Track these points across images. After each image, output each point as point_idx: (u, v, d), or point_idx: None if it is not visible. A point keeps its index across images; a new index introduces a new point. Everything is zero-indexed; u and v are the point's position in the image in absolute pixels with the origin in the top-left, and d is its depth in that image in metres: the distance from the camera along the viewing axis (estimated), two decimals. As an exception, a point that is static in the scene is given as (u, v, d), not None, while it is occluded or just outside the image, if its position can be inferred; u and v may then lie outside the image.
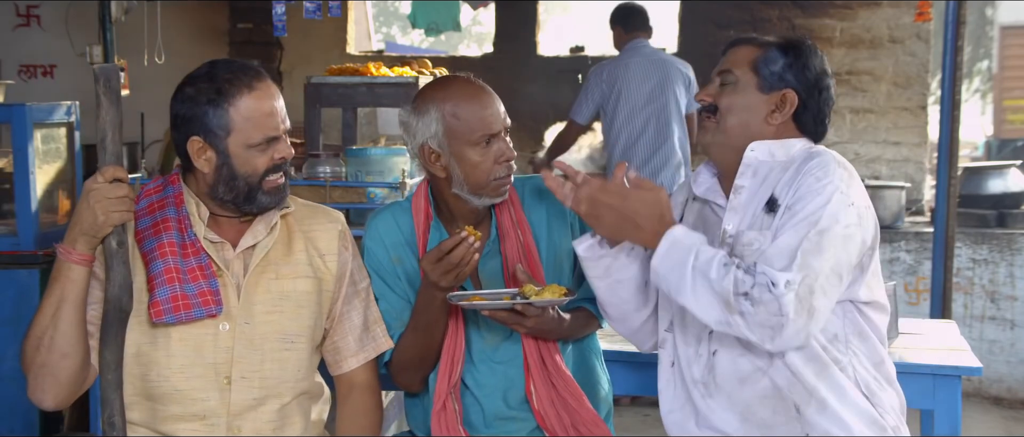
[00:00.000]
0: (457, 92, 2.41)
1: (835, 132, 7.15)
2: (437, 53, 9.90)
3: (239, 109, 2.19)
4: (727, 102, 2.26)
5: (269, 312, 2.28)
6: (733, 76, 2.27)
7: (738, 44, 2.32)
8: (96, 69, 2.05)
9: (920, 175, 7.05)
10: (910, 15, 6.80)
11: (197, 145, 2.21)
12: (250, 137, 2.20)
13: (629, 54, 5.71)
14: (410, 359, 2.46)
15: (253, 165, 2.22)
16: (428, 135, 2.40)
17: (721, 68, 2.30)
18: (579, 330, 2.54)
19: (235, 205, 2.25)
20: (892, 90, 7.10)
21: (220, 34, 7.94)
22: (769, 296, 1.99)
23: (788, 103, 2.25)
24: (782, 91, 2.25)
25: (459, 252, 2.26)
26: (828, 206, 2.07)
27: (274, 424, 2.28)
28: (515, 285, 2.42)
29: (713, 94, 2.28)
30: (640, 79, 5.58)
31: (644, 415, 5.28)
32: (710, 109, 2.28)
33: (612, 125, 5.66)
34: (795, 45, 2.29)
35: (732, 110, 2.26)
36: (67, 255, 2.08)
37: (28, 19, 7.54)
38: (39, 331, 2.13)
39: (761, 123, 2.25)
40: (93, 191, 2.03)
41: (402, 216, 2.52)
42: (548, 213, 2.54)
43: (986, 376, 5.54)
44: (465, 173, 2.39)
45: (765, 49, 2.27)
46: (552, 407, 2.46)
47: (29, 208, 4.43)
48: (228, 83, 2.20)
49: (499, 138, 2.41)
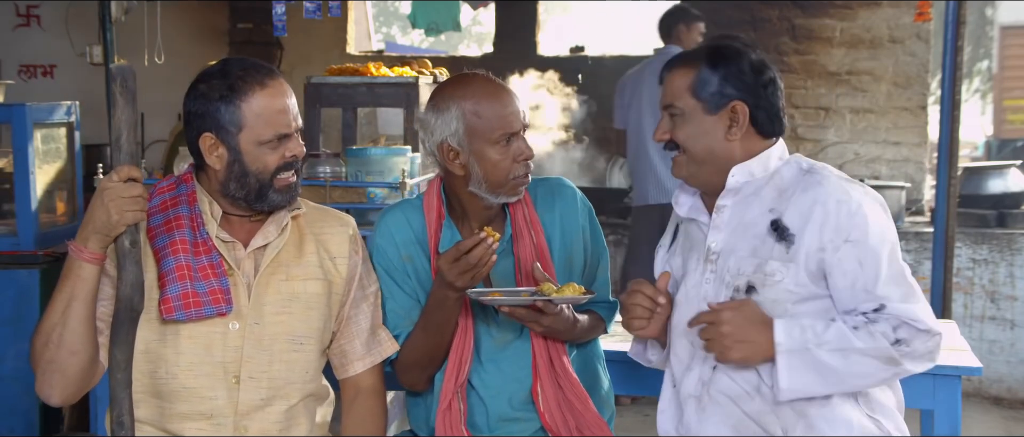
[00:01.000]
0: (478, 90, 2.40)
1: (835, 132, 7.15)
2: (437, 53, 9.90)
3: (251, 106, 2.20)
4: (683, 135, 2.24)
5: (278, 313, 2.28)
6: (677, 108, 2.24)
7: (669, 70, 2.27)
8: (113, 69, 2.06)
9: (920, 175, 7.05)
10: (910, 15, 6.80)
11: (209, 142, 2.22)
12: (261, 134, 2.21)
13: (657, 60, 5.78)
14: (419, 358, 2.46)
15: (264, 162, 2.23)
16: (447, 133, 2.39)
17: (664, 103, 2.27)
18: (588, 332, 2.54)
19: (246, 202, 2.26)
20: (892, 90, 7.10)
21: (220, 34, 7.94)
22: (914, 329, 2.09)
23: (741, 114, 2.21)
24: (729, 105, 2.21)
25: (478, 253, 2.26)
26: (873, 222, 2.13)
27: (280, 425, 2.29)
28: (529, 285, 2.43)
29: (668, 130, 2.26)
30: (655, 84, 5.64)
31: (644, 415, 5.28)
32: (671, 146, 2.27)
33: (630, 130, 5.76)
34: (721, 54, 2.23)
35: (691, 139, 2.24)
36: (79, 253, 2.09)
37: (28, 19, 7.53)
38: (48, 327, 2.13)
39: (723, 142, 2.23)
40: (107, 190, 2.03)
41: (413, 214, 2.51)
42: (561, 214, 2.53)
43: (986, 376, 5.54)
44: (484, 171, 2.39)
45: (695, 70, 2.23)
46: (558, 410, 2.46)
47: (29, 208, 4.44)
48: (241, 80, 2.21)
49: (518, 137, 2.41)
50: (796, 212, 2.16)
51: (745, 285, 2.18)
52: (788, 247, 2.15)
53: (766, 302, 2.15)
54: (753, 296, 2.16)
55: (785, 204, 2.19)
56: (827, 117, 7.21)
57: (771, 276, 2.15)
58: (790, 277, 2.15)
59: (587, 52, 7.81)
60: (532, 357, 2.46)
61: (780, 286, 2.15)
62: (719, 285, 2.22)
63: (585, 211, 2.57)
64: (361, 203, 4.12)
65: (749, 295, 2.17)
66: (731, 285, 2.20)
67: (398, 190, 4.08)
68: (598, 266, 2.60)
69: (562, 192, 2.56)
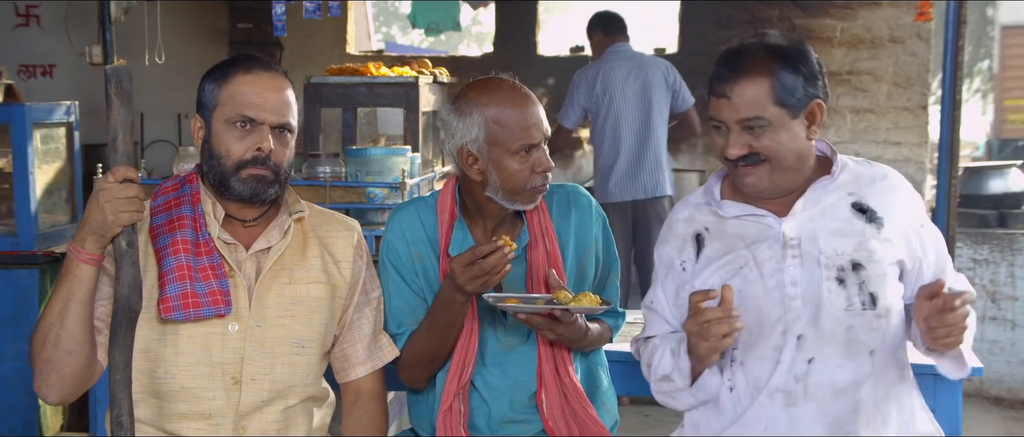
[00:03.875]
0: (502, 98, 2.39)
1: (835, 132, 7.15)
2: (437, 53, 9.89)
3: (230, 87, 2.24)
4: (772, 146, 2.15)
5: (281, 316, 2.28)
6: (763, 120, 2.14)
7: (736, 81, 2.14)
8: (108, 70, 2.06)
9: (920, 175, 7.05)
10: (910, 15, 6.80)
11: (197, 123, 2.29)
12: (229, 113, 2.22)
13: (613, 57, 5.81)
14: (420, 356, 2.46)
15: (227, 146, 2.23)
16: (468, 138, 2.39)
17: (741, 117, 2.14)
18: (595, 341, 2.54)
19: (216, 189, 2.27)
20: (892, 90, 7.09)
21: (220, 34, 7.94)
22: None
23: (820, 112, 2.20)
24: (809, 105, 2.18)
25: (493, 260, 2.25)
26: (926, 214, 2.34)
27: (278, 425, 2.28)
28: (540, 291, 2.42)
29: (746, 144, 2.16)
30: (625, 81, 5.70)
31: (644, 415, 5.28)
32: (750, 160, 2.17)
33: (603, 128, 5.71)
34: (796, 54, 2.17)
35: (783, 148, 2.16)
36: (76, 254, 2.09)
37: (28, 19, 7.53)
38: (46, 327, 2.13)
39: (806, 143, 2.21)
40: (103, 190, 2.03)
41: (427, 213, 2.51)
42: (576, 223, 2.53)
43: (986, 376, 5.54)
44: (502, 179, 2.39)
45: (771, 75, 2.13)
46: (561, 415, 2.46)
47: (29, 208, 4.43)
48: (232, 64, 2.26)
49: (538, 148, 2.40)
50: (878, 197, 2.22)
51: (850, 263, 2.18)
52: (879, 227, 2.20)
53: (874, 277, 2.18)
54: (860, 273, 2.17)
55: (865, 190, 2.23)
56: (827, 117, 7.19)
57: (874, 252, 2.18)
58: (888, 255, 2.19)
59: (587, 52, 7.79)
60: (537, 362, 2.46)
61: (883, 262, 2.18)
62: (813, 268, 2.18)
63: (599, 221, 2.57)
64: (361, 203, 4.11)
65: (855, 272, 2.17)
66: (832, 266, 2.18)
67: (398, 190, 4.08)
68: (609, 276, 2.60)
69: (578, 201, 2.56)
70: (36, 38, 7.49)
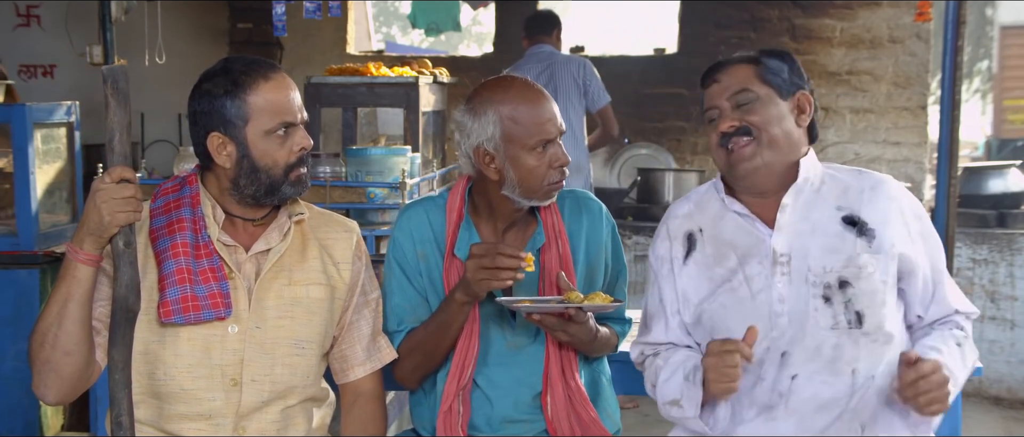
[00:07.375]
0: (516, 95, 2.40)
1: (835, 132, 7.16)
2: (437, 53, 9.90)
3: (256, 98, 2.21)
4: (760, 118, 2.20)
5: (281, 317, 2.28)
6: (752, 93, 2.20)
7: (720, 71, 2.24)
8: (104, 70, 2.05)
9: (920, 175, 7.05)
10: (910, 15, 6.81)
11: (217, 141, 2.22)
12: (267, 123, 2.21)
13: (527, 60, 5.79)
14: (411, 352, 2.46)
15: (273, 158, 2.22)
16: (484, 137, 2.39)
17: (733, 91, 2.21)
18: (603, 346, 2.54)
19: (255, 199, 2.25)
20: (892, 90, 7.10)
21: (220, 34, 7.95)
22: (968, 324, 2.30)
23: (808, 104, 2.24)
24: (796, 94, 2.23)
25: (507, 262, 2.26)
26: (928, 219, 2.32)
27: (278, 425, 2.29)
28: (552, 293, 2.43)
29: (739, 118, 2.21)
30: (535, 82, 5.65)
31: (644, 415, 5.29)
32: (742, 132, 2.20)
33: None
34: (783, 52, 2.28)
35: (769, 123, 2.20)
36: (74, 254, 2.09)
37: (28, 19, 7.54)
38: (44, 328, 2.13)
39: (796, 129, 2.23)
40: (100, 191, 2.02)
41: (435, 213, 2.51)
42: (587, 228, 2.54)
43: (986, 376, 5.54)
44: (519, 177, 2.39)
45: (754, 64, 2.23)
46: (566, 417, 2.46)
47: (29, 208, 4.44)
48: (244, 74, 2.22)
49: (554, 143, 2.41)
50: (872, 209, 2.20)
51: (837, 281, 2.17)
52: (870, 241, 2.18)
53: (862, 295, 2.16)
54: (847, 290, 2.16)
55: (856, 202, 2.22)
56: (827, 117, 7.21)
57: (864, 268, 2.16)
58: (880, 269, 2.17)
59: (587, 52, 7.80)
60: (545, 362, 2.47)
61: (874, 278, 2.17)
62: (801, 285, 2.18)
63: (609, 227, 2.58)
64: (361, 203, 4.12)
65: (842, 290, 2.16)
66: (819, 284, 2.17)
67: (398, 190, 4.08)
68: (618, 282, 2.61)
69: (589, 206, 2.57)
70: (37, 38, 7.50)
